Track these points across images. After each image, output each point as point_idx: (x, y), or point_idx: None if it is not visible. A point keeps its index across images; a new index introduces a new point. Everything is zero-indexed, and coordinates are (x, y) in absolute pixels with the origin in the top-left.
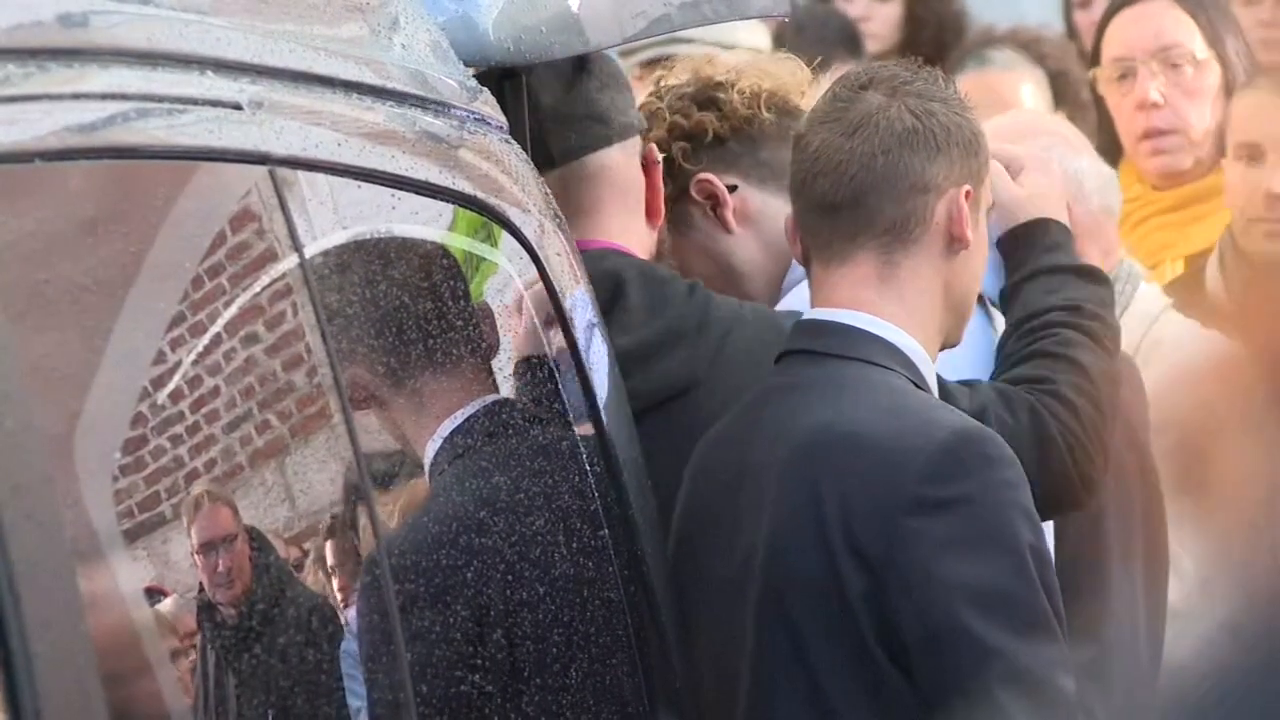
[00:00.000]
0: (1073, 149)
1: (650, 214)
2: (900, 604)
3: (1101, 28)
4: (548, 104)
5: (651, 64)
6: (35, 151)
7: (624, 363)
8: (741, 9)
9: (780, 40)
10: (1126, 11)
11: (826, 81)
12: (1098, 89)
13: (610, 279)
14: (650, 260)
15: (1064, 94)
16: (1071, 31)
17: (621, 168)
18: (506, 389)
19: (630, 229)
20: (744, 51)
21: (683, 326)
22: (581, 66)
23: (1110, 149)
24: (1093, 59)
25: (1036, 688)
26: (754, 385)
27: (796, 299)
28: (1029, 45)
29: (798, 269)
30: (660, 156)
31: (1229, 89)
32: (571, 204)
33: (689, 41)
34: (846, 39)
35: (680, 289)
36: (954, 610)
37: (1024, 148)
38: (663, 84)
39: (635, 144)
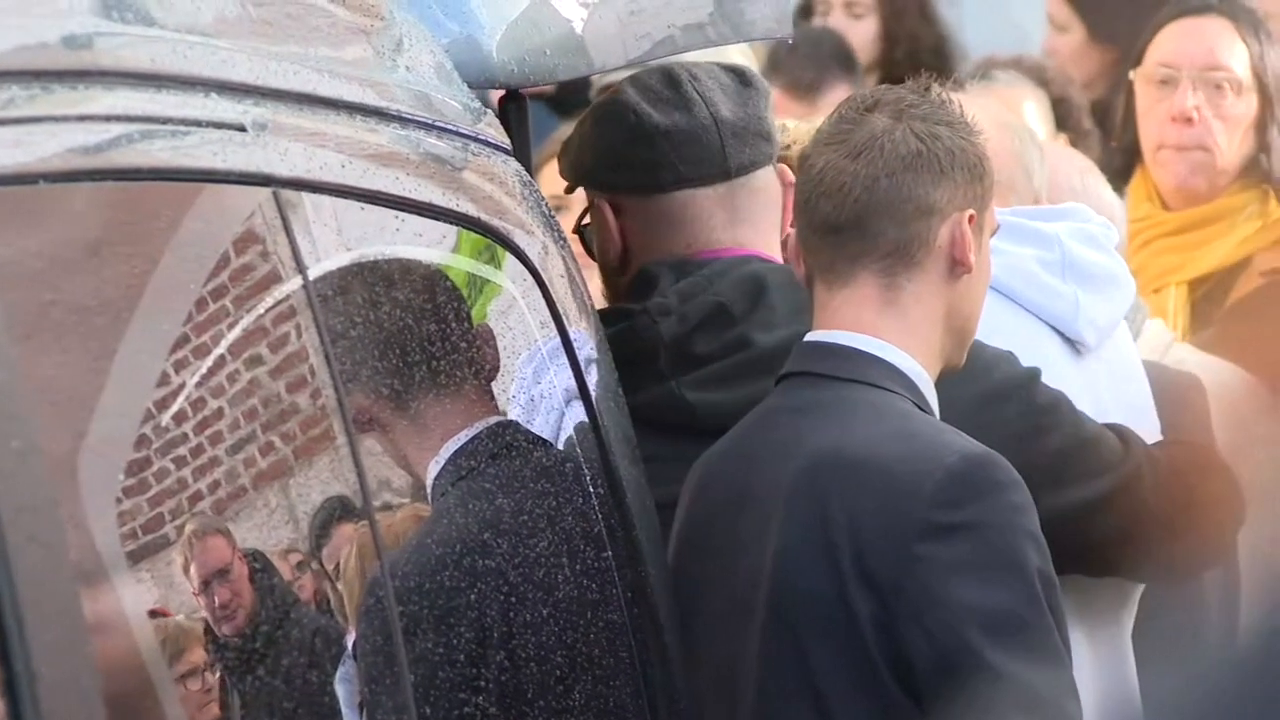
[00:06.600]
0: (1102, 180)
1: (783, 231)
2: (910, 629)
3: (1154, 31)
4: (727, 118)
5: None
6: (40, 173)
7: (767, 360)
8: (746, 31)
9: (775, 60)
10: (1185, 21)
11: (820, 100)
12: (1133, 87)
13: (754, 280)
14: None
15: (1066, 119)
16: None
17: (774, 185)
18: (509, 410)
19: (774, 242)
20: None
21: None
22: (749, 83)
23: (1125, 162)
24: (1136, 59)
25: (1046, 713)
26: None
27: None
28: (1033, 70)
29: None
30: (793, 179)
31: (1261, 124)
32: (736, 214)
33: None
34: (840, 58)
35: None
36: (964, 635)
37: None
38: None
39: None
